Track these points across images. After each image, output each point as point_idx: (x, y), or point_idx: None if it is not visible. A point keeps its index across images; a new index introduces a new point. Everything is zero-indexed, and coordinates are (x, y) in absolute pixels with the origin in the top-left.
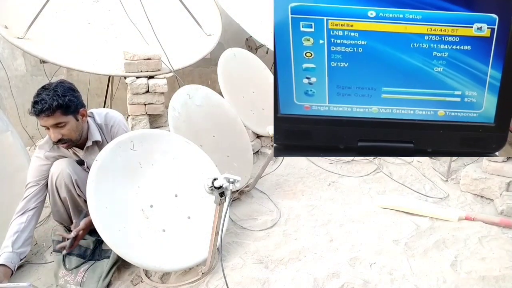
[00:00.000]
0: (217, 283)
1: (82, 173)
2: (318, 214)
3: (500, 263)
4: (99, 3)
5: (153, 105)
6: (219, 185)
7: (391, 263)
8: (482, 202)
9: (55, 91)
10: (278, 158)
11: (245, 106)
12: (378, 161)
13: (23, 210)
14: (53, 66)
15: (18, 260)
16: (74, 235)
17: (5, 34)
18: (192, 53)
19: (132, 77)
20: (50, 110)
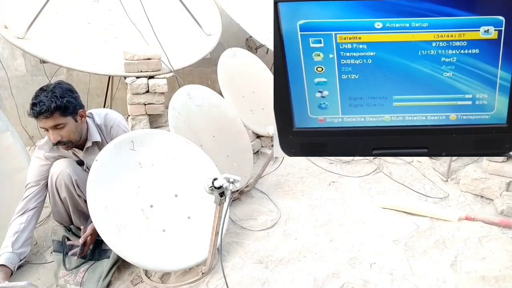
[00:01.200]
0: (217, 283)
1: (82, 173)
2: (318, 214)
3: (500, 263)
4: (99, 3)
5: (153, 105)
6: (219, 185)
7: (391, 263)
8: (482, 202)
9: (53, 93)
10: (278, 158)
11: (245, 106)
12: (378, 161)
13: (23, 210)
14: (53, 66)
15: (18, 261)
16: (82, 242)
17: (5, 34)
18: (192, 53)
19: (132, 77)
20: (48, 112)
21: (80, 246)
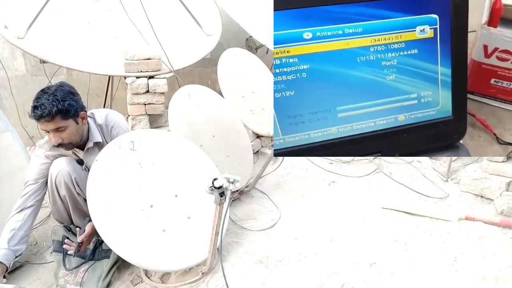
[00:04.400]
0: (217, 283)
1: (81, 172)
2: (318, 214)
3: (500, 263)
4: (99, 3)
5: (153, 105)
6: (219, 185)
7: (391, 263)
8: (482, 202)
9: (54, 96)
10: (278, 158)
11: (245, 106)
12: (378, 161)
13: (21, 208)
14: (53, 66)
15: (13, 257)
16: (80, 241)
17: (5, 34)
18: (192, 53)
19: (132, 77)
20: (50, 116)
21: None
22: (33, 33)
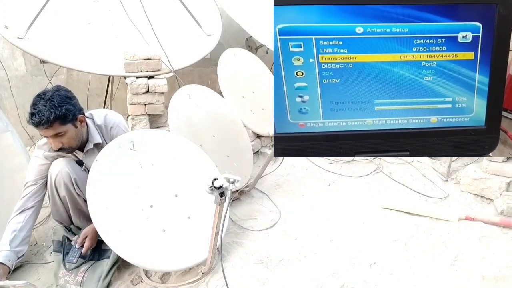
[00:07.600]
0: (217, 283)
1: (81, 173)
2: (318, 214)
3: (500, 263)
4: (99, 3)
5: (153, 105)
6: (219, 185)
7: (391, 263)
8: (482, 202)
9: (51, 102)
10: (278, 158)
11: (245, 106)
12: (378, 161)
13: (21, 209)
14: (53, 66)
15: (15, 259)
16: (79, 247)
17: (5, 34)
18: (192, 53)
19: (132, 77)
20: (48, 123)
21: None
22: (33, 33)
